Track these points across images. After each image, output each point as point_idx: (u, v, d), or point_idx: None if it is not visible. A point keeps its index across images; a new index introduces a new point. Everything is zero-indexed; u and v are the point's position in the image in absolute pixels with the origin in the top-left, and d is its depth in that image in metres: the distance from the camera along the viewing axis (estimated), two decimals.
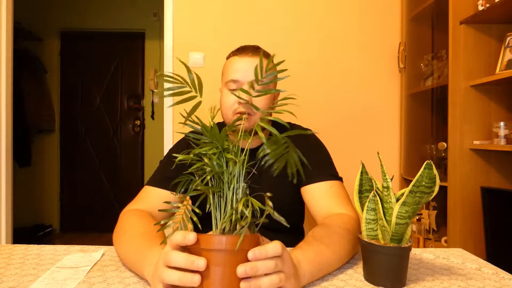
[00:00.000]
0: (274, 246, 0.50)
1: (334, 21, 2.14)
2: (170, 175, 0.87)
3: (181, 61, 0.54)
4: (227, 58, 1.00)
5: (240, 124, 0.91)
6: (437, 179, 0.58)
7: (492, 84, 1.54)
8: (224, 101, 0.95)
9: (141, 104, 3.55)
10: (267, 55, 0.98)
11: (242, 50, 0.96)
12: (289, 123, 1.05)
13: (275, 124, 0.55)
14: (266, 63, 0.98)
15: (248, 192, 0.54)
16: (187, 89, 0.53)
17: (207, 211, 0.54)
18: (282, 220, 0.51)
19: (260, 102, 0.92)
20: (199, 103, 0.54)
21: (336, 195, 0.88)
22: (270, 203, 0.50)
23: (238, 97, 0.84)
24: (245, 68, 0.93)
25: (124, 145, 3.56)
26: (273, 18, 2.13)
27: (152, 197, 0.90)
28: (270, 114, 1.01)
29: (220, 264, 0.48)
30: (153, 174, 0.98)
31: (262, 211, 0.50)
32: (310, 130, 0.48)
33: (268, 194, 0.52)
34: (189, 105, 0.54)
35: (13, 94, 2.21)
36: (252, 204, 0.49)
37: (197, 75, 0.53)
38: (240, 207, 0.48)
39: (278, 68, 0.56)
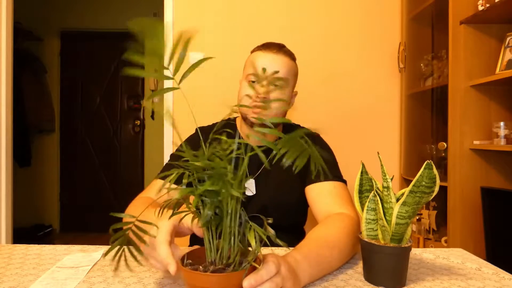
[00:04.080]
0: (268, 268, 0.49)
1: (334, 21, 2.14)
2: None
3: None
4: (252, 52, 1.03)
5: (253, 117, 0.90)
6: (437, 179, 0.58)
7: (492, 84, 1.54)
8: (242, 93, 0.98)
9: (141, 104, 3.55)
10: (290, 54, 1.01)
11: (267, 46, 0.99)
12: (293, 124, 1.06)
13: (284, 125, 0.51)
14: (292, 65, 0.99)
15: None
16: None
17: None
18: (283, 244, 0.49)
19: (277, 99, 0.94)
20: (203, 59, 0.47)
21: (338, 196, 0.88)
22: (272, 231, 0.48)
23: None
24: (267, 64, 0.96)
25: (124, 145, 3.56)
26: (273, 18, 2.13)
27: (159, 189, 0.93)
28: (285, 112, 1.02)
29: None
30: (163, 167, 1.01)
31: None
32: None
33: (270, 220, 0.50)
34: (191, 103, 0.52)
35: (13, 94, 2.21)
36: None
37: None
38: (253, 243, 0.45)
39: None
